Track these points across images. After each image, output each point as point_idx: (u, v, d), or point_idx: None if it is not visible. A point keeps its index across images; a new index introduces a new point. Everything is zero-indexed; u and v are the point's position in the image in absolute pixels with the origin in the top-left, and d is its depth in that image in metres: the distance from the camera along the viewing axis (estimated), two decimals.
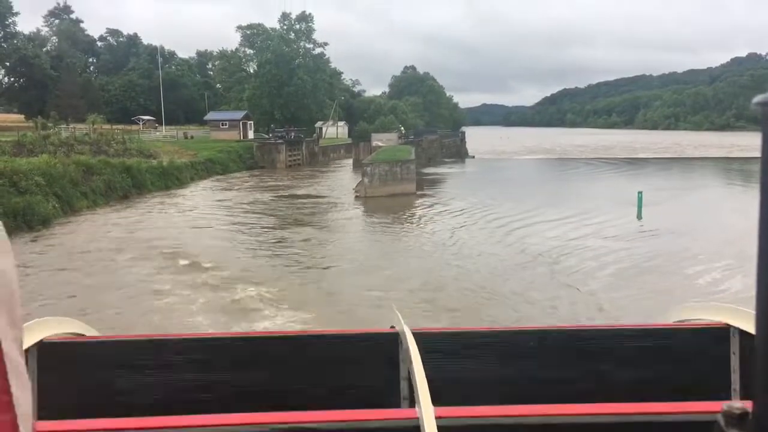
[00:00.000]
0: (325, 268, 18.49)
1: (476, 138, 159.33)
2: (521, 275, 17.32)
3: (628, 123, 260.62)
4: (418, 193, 37.15)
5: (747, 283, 16.36)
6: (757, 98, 0.64)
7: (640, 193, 28.48)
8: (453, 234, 24.15)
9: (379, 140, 56.33)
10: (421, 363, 1.96)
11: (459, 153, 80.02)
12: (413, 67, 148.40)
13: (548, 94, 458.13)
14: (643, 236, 23.65)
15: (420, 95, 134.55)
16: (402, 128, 78.46)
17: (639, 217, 27.59)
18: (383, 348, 2.44)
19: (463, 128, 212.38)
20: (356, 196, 34.49)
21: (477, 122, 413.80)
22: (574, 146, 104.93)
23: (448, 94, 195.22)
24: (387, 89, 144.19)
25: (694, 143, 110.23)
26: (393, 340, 2.41)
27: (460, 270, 17.92)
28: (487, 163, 69.80)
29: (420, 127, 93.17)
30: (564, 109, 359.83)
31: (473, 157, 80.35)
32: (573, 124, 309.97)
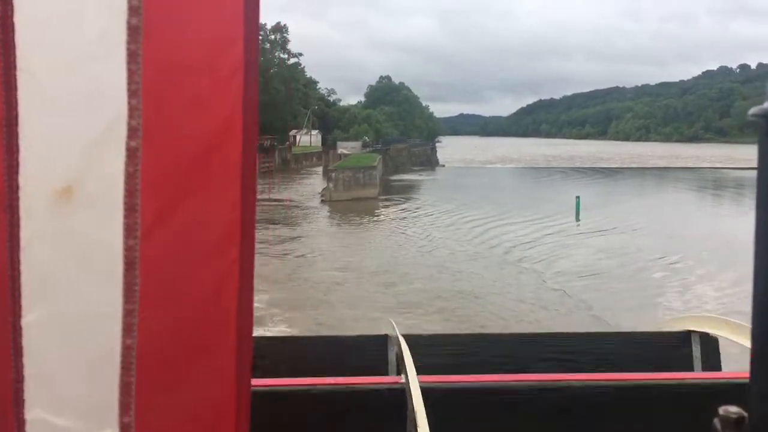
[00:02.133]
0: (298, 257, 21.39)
1: (452, 147, 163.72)
2: (451, 257, 20.36)
3: (602, 134, 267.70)
4: (380, 197, 40.19)
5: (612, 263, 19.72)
6: (754, 110, 0.63)
7: (578, 197, 31.75)
8: (405, 227, 27.41)
9: (344, 148, 59.34)
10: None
11: (429, 162, 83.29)
12: (388, 77, 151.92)
13: (524, 105, 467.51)
14: (573, 235, 26.94)
15: (395, 105, 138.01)
16: (366, 137, 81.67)
17: (577, 219, 30.79)
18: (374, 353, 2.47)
19: (440, 138, 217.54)
20: (322, 200, 37.34)
21: (455, 132, 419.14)
22: (543, 156, 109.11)
23: (424, 104, 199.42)
24: (363, 98, 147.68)
25: (657, 154, 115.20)
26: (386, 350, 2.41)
27: (403, 251, 21.03)
28: (456, 172, 73.12)
29: (389, 137, 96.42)
30: (539, 119, 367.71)
31: (443, 165, 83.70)
32: (548, 135, 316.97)
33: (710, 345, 2.67)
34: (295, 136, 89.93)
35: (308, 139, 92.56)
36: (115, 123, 1.09)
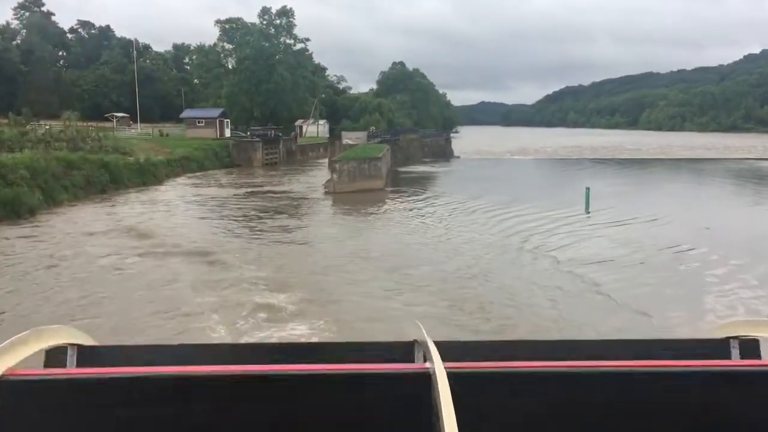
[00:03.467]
0: (301, 244, 23.06)
1: (469, 137, 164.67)
2: (448, 247, 21.94)
3: (633, 123, 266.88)
4: (387, 189, 41.83)
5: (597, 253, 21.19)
6: None
7: (587, 188, 33.16)
8: (410, 219, 29.02)
9: (349, 138, 61.05)
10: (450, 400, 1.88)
11: (443, 153, 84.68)
12: (402, 63, 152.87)
13: (550, 92, 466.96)
14: (584, 225, 28.43)
15: (408, 93, 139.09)
16: (374, 127, 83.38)
17: (587, 210, 32.21)
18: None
19: (457, 128, 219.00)
20: (325, 192, 39.06)
21: (474, 121, 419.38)
22: (566, 147, 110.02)
23: (440, 92, 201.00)
24: (375, 86, 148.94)
25: (689, 145, 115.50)
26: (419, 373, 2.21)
27: (412, 243, 22.63)
28: (471, 163, 74.59)
29: (401, 127, 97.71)
30: (566, 107, 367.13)
31: (458, 157, 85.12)
32: (575, 124, 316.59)
33: (750, 347, 2.70)
34: (301, 127, 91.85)
35: (315, 129, 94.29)
36: None
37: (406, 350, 2.56)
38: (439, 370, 2.00)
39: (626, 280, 18.38)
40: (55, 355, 2.44)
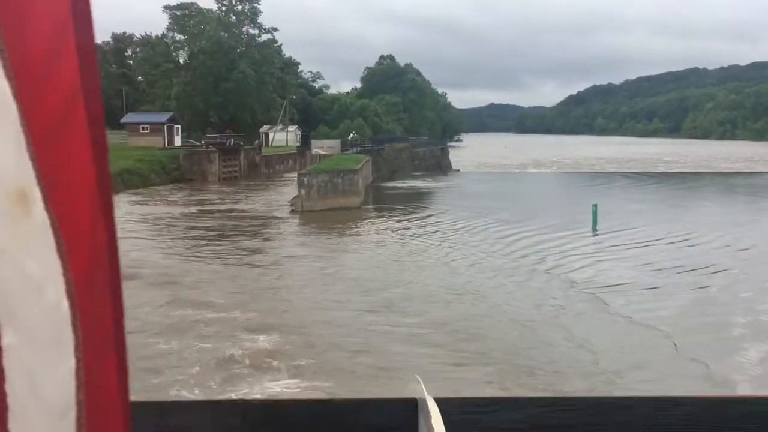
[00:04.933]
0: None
1: (475, 147, 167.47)
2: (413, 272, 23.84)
3: (674, 130, 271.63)
4: (366, 207, 43.74)
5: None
6: None
7: (594, 206, 35.21)
8: (397, 245, 30.84)
9: (319, 148, 62.99)
10: None
11: (438, 165, 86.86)
12: (391, 58, 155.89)
13: (574, 92, 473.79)
14: (589, 246, 30.46)
15: (399, 93, 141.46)
16: (354, 134, 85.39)
17: (594, 230, 34.21)
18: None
19: (461, 135, 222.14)
20: (292, 210, 40.88)
21: (482, 127, 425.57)
22: (591, 158, 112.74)
23: (439, 91, 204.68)
24: (359, 85, 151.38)
25: (738, 156, 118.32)
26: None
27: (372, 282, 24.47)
28: (472, 178, 76.74)
29: (389, 134, 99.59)
30: (593, 111, 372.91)
31: (458, 170, 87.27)
32: (604, 131, 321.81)
33: None
34: (267, 134, 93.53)
35: (285, 137, 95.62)
36: None
37: (404, 410, 2.69)
38: None
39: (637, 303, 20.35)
40: None
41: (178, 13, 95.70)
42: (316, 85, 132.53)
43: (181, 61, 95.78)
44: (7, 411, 1.24)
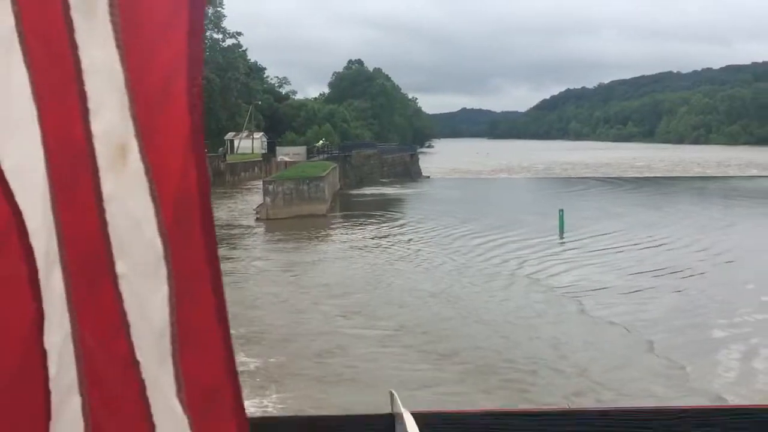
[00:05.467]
0: None
1: (446, 153, 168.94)
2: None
3: (648, 135, 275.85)
4: (332, 214, 44.65)
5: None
6: None
7: (561, 211, 36.41)
8: (363, 250, 31.76)
9: (285, 155, 63.95)
10: None
11: (408, 172, 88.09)
12: (360, 62, 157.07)
13: (547, 96, 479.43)
14: (554, 250, 31.68)
15: (368, 98, 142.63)
16: (323, 140, 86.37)
17: (561, 235, 35.38)
18: None
19: (432, 141, 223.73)
20: (257, 218, 41.64)
21: (454, 133, 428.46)
22: (563, 163, 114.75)
23: (410, 96, 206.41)
24: (327, 90, 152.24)
25: (713, 160, 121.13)
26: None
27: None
28: (441, 184, 78.04)
29: (348, 141, 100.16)
30: (567, 116, 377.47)
31: (428, 177, 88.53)
32: (579, 136, 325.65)
33: None
34: (232, 141, 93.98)
35: (250, 144, 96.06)
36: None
37: (380, 426, 2.69)
38: None
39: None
40: None
41: None
42: (283, 91, 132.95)
43: None
44: (130, 327, 1.58)
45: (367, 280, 26.19)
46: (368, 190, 66.30)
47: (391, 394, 2.69)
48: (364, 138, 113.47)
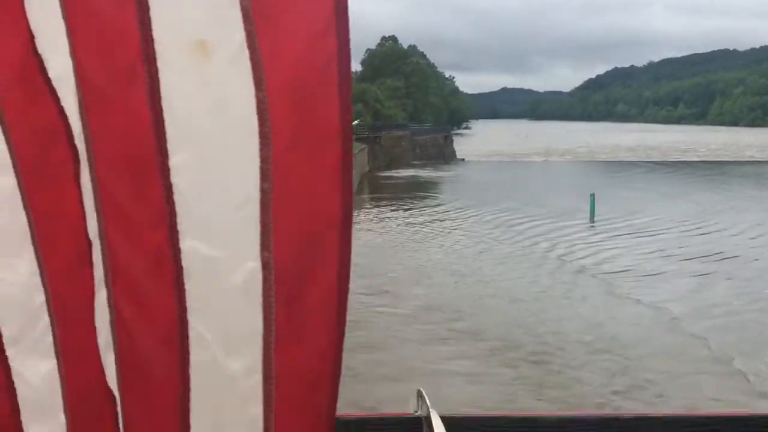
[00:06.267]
0: None
1: (484, 135, 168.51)
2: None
3: (700, 117, 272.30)
4: (359, 196, 45.70)
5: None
6: None
7: (592, 195, 36.95)
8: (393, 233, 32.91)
9: None
10: None
11: (441, 154, 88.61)
12: (394, 38, 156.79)
13: (593, 76, 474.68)
14: (583, 234, 32.41)
15: (401, 77, 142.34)
16: (359, 120, 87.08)
17: (592, 220, 35.99)
18: None
19: (470, 123, 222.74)
20: None
21: (494, 114, 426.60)
22: (606, 147, 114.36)
23: (446, 75, 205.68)
24: (359, 67, 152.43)
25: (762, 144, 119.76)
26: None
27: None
28: (477, 167, 78.52)
29: (378, 122, 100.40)
30: (614, 96, 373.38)
31: (462, 159, 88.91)
32: (626, 118, 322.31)
33: None
34: None
35: None
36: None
37: (407, 428, 2.72)
38: None
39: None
40: None
41: None
42: None
43: None
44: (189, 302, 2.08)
45: (392, 261, 27.19)
46: (398, 173, 67.08)
47: (419, 393, 2.81)
48: (396, 119, 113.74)
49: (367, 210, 41.47)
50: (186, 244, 2.08)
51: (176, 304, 2.13)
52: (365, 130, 75.69)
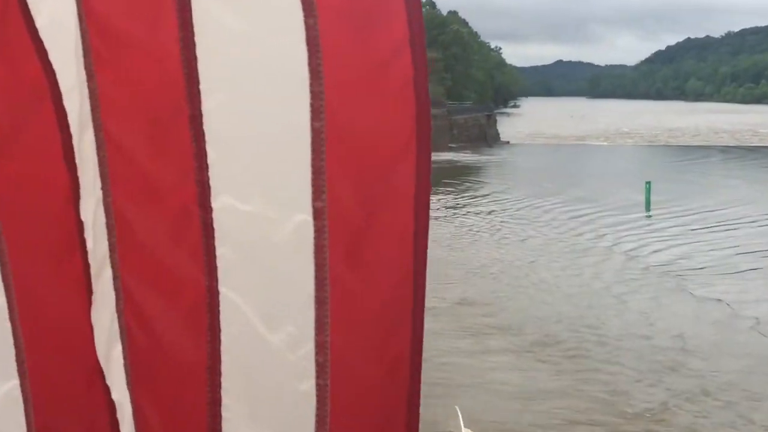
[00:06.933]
0: None
1: (535, 114, 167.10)
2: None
3: None
4: None
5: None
6: None
7: (648, 183, 37.58)
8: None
9: None
10: None
11: (483, 136, 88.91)
12: (431, 3, 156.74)
13: (662, 47, 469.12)
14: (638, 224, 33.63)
15: (439, 47, 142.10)
16: None
17: (647, 209, 36.67)
18: None
19: (518, 100, 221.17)
20: None
21: (547, 90, 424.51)
22: (673, 130, 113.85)
23: (492, 46, 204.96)
24: None
25: None
26: None
27: None
28: (521, 151, 78.90)
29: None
30: (685, 71, 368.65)
31: (507, 142, 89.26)
32: (698, 96, 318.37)
33: None
34: None
35: None
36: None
37: None
38: None
39: None
40: None
41: None
42: None
43: None
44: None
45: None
46: (432, 156, 67.34)
47: (456, 412, 3.06)
48: (433, 95, 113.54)
49: None
50: (219, 201, 2.02)
51: (204, 275, 2.08)
52: None
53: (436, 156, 70.06)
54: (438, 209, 38.26)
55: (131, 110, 2.01)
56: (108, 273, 2.10)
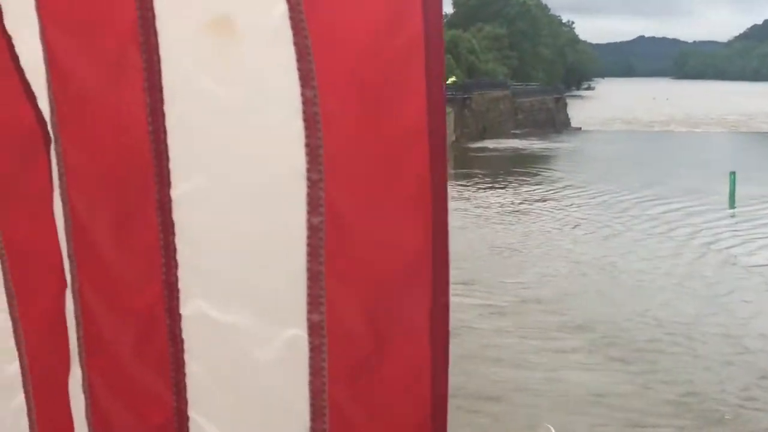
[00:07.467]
0: None
1: (611, 98, 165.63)
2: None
3: None
4: None
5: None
6: None
7: (732, 174, 36.92)
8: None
9: None
10: None
11: (551, 121, 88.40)
12: None
13: (758, 21, 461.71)
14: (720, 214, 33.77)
15: (503, 21, 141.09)
16: (453, 78, 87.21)
17: (731, 205, 36.05)
18: None
19: (593, 81, 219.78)
20: None
21: (627, 70, 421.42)
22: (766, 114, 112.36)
23: (563, 20, 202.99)
24: (451, 10, 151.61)
25: None
26: None
27: None
28: (593, 138, 78.45)
29: (474, 79, 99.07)
30: None
31: (579, 128, 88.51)
32: None
33: None
34: None
35: None
36: None
37: None
38: None
39: None
40: None
41: None
42: None
43: None
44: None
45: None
46: (493, 144, 67.27)
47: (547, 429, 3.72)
48: (496, 75, 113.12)
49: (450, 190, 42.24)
50: (190, 307, 1.86)
51: (172, 394, 1.93)
52: (454, 90, 75.84)
53: (497, 143, 70.42)
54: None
55: (95, 185, 1.87)
56: (78, 373, 1.99)
